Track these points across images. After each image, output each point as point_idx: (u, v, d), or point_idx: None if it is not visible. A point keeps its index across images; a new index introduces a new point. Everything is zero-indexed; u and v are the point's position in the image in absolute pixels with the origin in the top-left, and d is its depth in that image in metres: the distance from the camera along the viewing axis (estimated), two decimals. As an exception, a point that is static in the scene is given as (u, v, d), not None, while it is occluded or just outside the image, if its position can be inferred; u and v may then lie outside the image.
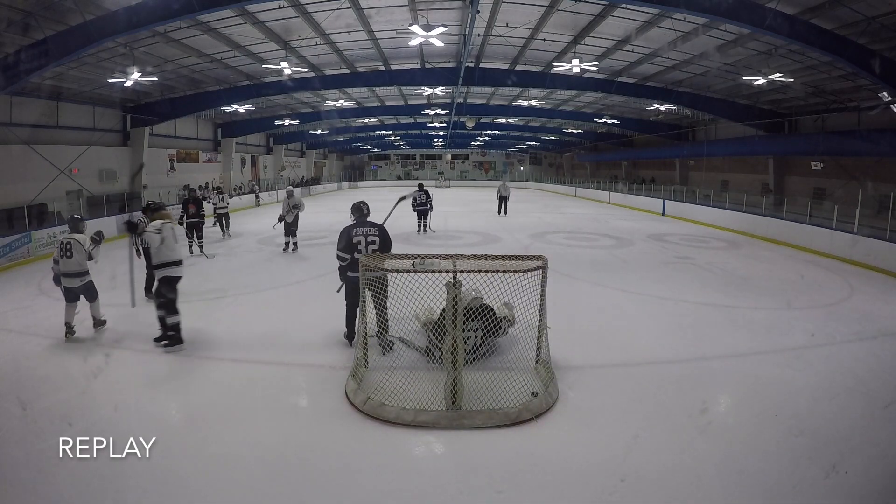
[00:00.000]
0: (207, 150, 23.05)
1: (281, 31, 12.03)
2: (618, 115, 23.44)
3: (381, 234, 4.90)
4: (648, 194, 22.53)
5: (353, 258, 4.73)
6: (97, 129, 15.66)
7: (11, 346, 5.17)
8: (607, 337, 5.36)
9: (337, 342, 5.08)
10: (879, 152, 13.54)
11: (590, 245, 12.00)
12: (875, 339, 5.50)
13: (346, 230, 4.90)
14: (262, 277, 8.36)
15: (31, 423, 3.57)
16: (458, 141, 40.18)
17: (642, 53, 13.43)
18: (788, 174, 18.72)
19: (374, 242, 4.82)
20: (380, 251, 4.79)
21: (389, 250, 4.90)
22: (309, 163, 36.95)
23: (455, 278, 3.68)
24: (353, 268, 4.76)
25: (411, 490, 2.92)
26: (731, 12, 8.85)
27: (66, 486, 2.89)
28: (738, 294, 7.35)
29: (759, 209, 14.44)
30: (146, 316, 6.15)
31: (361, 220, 5.00)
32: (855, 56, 9.81)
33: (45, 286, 7.77)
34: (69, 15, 9.19)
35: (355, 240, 4.80)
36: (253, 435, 3.44)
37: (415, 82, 17.16)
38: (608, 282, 7.99)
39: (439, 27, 10.16)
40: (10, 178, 12.64)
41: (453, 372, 3.65)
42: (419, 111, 23.96)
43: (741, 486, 2.93)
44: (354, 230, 4.87)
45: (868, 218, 10.78)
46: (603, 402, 3.97)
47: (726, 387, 4.40)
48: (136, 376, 4.43)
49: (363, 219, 5.01)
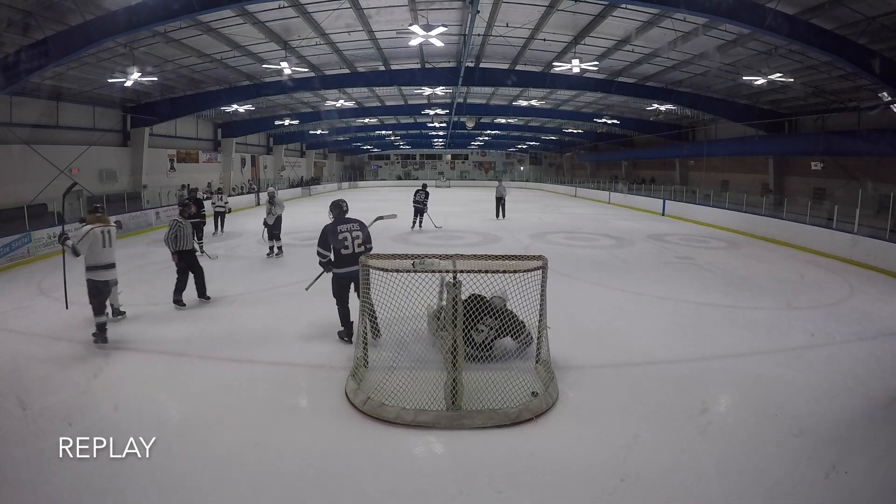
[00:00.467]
0: (207, 150, 23.05)
1: (281, 31, 12.03)
2: (618, 115, 23.45)
3: (363, 229, 5.06)
4: (648, 194, 22.53)
5: (342, 255, 4.88)
6: (97, 129, 15.67)
7: (11, 346, 5.17)
8: (607, 337, 5.36)
9: (336, 342, 5.09)
10: (879, 152, 13.54)
11: (590, 245, 11.99)
12: (875, 339, 5.50)
13: (328, 228, 4.96)
14: (261, 277, 8.36)
15: (31, 423, 3.57)
16: (458, 141, 40.20)
17: (642, 53, 13.44)
18: (788, 174, 18.72)
19: (358, 237, 4.95)
20: (364, 244, 4.95)
21: (371, 243, 5.09)
22: (309, 163, 36.96)
23: (455, 278, 3.69)
24: (338, 265, 4.92)
25: (411, 490, 2.91)
26: (731, 12, 8.86)
27: (66, 486, 2.89)
28: (738, 294, 7.35)
29: (759, 209, 14.44)
30: (146, 316, 6.16)
31: (341, 217, 5.07)
32: (855, 56, 9.81)
33: (45, 286, 7.77)
34: (69, 15, 9.19)
35: (341, 236, 4.89)
36: (253, 435, 3.44)
37: (415, 82, 17.17)
38: (608, 282, 7.99)
39: (439, 27, 10.16)
40: (10, 178, 12.64)
41: (453, 372, 3.65)
42: (419, 111, 23.97)
43: (741, 486, 2.92)
44: (339, 227, 4.95)
45: (868, 218, 10.78)
46: (603, 402, 3.97)
47: (726, 387, 4.40)
48: (136, 376, 4.42)
49: (342, 216, 5.08)
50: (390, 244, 11.37)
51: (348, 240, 4.89)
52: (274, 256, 9.97)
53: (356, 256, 4.70)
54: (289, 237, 12.74)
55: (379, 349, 4.66)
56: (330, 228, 4.94)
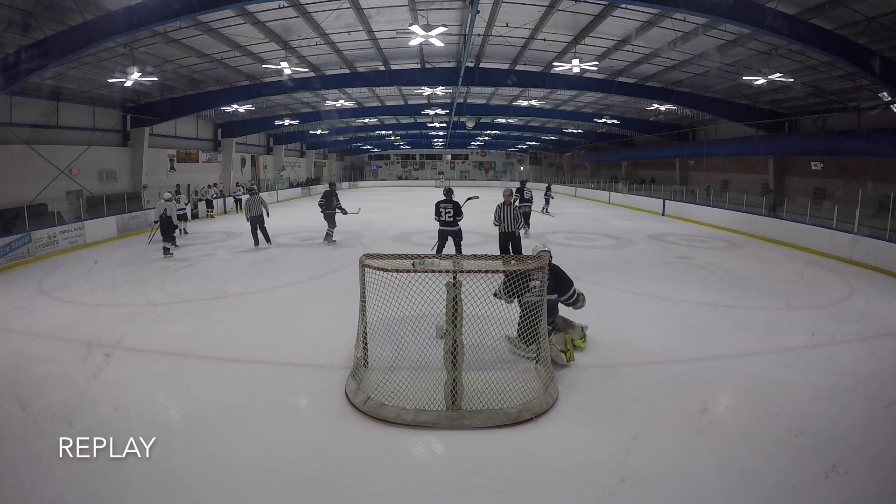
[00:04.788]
0: (207, 150, 23.04)
1: (281, 31, 12.03)
2: (618, 115, 23.44)
3: (455, 206, 8.29)
4: (648, 194, 22.53)
5: (440, 220, 8.35)
6: (97, 129, 15.66)
7: (11, 346, 5.17)
8: (607, 337, 5.36)
9: (336, 342, 5.05)
10: (879, 152, 13.53)
11: (590, 245, 12.00)
12: (875, 339, 5.50)
13: (438, 202, 8.36)
14: (261, 277, 8.36)
15: (31, 423, 3.57)
16: (458, 141, 40.17)
17: (642, 53, 13.43)
18: (788, 174, 18.71)
19: (449, 212, 8.24)
20: (454, 216, 8.28)
21: (461, 215, 8.39)
22: (309, 163, 36.95)
23: (455, 278, 3.69)
24: (440, 225, 8.44)
25: (411, 490, 2.91)
26: (731, 12, 8.85)
27: (66, 486, 2.89)
28: (738, 294, 7.35)
29: (759, 209, 14.43)
30: (147, 316, 6.17)
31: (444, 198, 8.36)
32: (855, 56, 9.80)
33: (45, 286, 7.78)
34: (69, 15, 9.19)
35: (439, 209, 8.32)
36: (253, 435, 3.44)
37: (415, 82, 17.15)
38: (608, 282, 7.99)
39: (439, 27, 10.16)
40: (10, 178, 12.64)
41: (453, 372, 3.65)
42: (419, 111, 23.95)
43: (741, 486, 2.92)
44: (439, 204, 8.33)
45: (868, 218, 10.78)
46: (603, 401, 3.97)
47: (726, 387, 4.40)
48: (136, 376, 4.42)
49: (445, 197, 8.36)
50: (390, 244, 11.37)
51: (442, 215, 8.27)
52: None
53: (446, 223, 8.28)
54: (289, 237, 12.77)
55: (379, 349, 4.66)
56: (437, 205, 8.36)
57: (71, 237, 11.38)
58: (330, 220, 11.27)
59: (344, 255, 10.23)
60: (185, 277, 8.37)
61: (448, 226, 8.30)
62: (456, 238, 8.41)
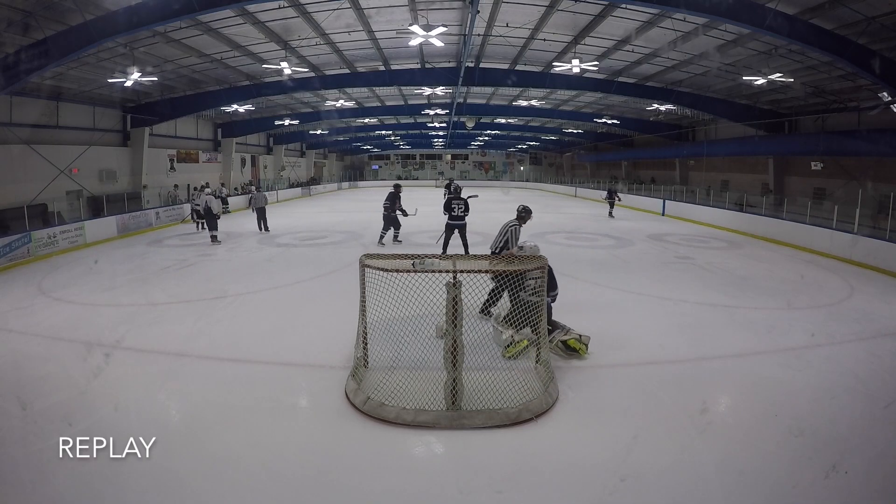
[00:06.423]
0: (207, 150, 23.04)
1: (281, 31, 12.03)
2: (618, 115, 23.43)
3: (465, 203, 9.48)
4: (648, 194, 22.53)
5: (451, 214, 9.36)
6: (97, 129, 15.65)
7: (11, 346, 5.17)
8: (607, 337, 5.35)
9: (336, 342, 5.04)
10: (879, 152, 13.53)
11: (590, 245, 12.00)
12: (875, 339, 5.50)
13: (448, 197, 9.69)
14: (261, 277, 8.36)
15: (31, 423, 3.57)
16: (458, 141, 40.15)
17: (642, 53, 13.43)
18: (788, 174, 18.71)
19: (461, 207, 9.38)
20: (465, 211, 9.45)
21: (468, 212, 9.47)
22: (309, 163, 36.94)
23: (455, 278, 3.68)
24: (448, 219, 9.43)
25: (411, 490, 2.91)
26: (731, 12, 8.85)
27: (66, 486, 2.89)
28: (738, 294, 7.35)
29: (759, 209, 14.43)
30: (146, 316, 6.17)
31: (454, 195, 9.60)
32: (855, 56, 9.80)
33: (45, 286, 7.78)
34: (69, 15, 9.19)
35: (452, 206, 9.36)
36: (253, 435, 3.44)
37: (415, 82, 17.15)
38: (608, 282, 7.99)
39: (439, 27, 10.16)
40: (10, 178, 12.64)
41: (453, 372, 3.65)
42: (419, 111, 23.94)
43: (741, 486, 2.92)
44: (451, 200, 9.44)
45: (868, 218, 10.79)
46: (603, 402, 3.97)
47: (726, 387, 4.40)
48: (136, 376, 4.42)
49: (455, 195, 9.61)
50: (390, 244, 11.37)
51: (455, 210, 9.32)
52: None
53: (455, 217, 9.33)
54: (289, 237, 12.77)
55: (379, 349, 4.66)
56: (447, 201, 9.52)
57: (71, 237, 11.38)
58: (395, 223, 11.34)
59: (344, 255, 10.24)
60: (185, 277, 8.37)
61: (457, 220, 9.49)
62: (462, 230, 9.62)
